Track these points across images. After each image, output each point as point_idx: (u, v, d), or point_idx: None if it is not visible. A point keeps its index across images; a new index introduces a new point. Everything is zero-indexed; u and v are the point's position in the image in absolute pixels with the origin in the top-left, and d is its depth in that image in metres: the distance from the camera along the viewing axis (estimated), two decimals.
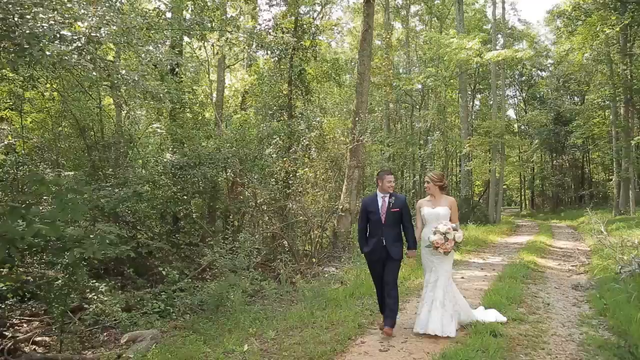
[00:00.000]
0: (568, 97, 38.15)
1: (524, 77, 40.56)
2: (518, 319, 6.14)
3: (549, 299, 7.50)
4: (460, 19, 26.66)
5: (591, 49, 24.06)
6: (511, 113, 44.24)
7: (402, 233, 5.82)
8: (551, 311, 6.76)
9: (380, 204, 5.71)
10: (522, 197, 49.43)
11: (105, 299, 7.07)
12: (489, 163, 26.18)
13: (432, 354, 4.91)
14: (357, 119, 12.37)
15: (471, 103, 35.06)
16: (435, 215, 5.60)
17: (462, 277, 9.46)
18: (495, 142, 24.53)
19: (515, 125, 42.06)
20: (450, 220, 5.61)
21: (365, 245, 5.83)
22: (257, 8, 16.20)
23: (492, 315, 6.01)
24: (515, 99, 44.14)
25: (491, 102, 32.01)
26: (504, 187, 36.23)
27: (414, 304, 7.00)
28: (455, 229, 5.39)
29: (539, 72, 39.84)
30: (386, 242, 5.62)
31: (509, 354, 4.93)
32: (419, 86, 27.83)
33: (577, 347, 5.18)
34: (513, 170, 40.83)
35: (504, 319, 5.99)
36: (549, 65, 38.20)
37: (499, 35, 29.80)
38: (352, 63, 26.25)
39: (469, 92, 32.85)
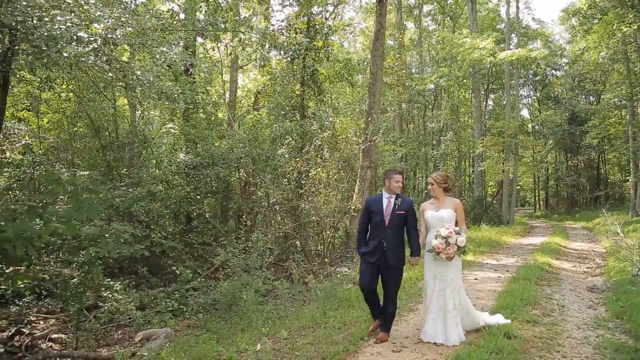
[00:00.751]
0: (583, 96, 37.68)
1: (538, 77, 40.12)
2: (532, 321, 6.08)
3: (564, 301, 7.42)
4: (473, 18, 26.45)
5: (607, 48, 23.74)
6: (525, 113, 43.85)
7: (406, 238, 5.51)
8: (566, 313, 6.69)
9: (385, 204, 5.42)
10: (536, 198, 48.88)
11: (120, 297, 7.15)
12: (503, 163, 25.95)
13: (446, 355, 4.90)
14: (369, 119, 12.34)
15: (484, 103, 34.76)
16: (438, 218, 5.33)
17: (476, 279, 9.40)
18: (509, 143, 24.31)
19: (529, 126, 41.68)
20: (456, 223, 5.35)
21: (364, 245, 5.51)
22: (270, 8, 16.24)
23: (495, 319, 5.81)
24: (529, 98, 43.71)
25: (505, 102, 31.72)
26: (518, 187, 35.84)
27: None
28: (457, 233, 5.11)
29: (553, 71, 39.38)
30: (387, 247, 5.31)
31: (523, 356, 4.89)
32: (432, 86, 27.69)
33: (593, 350, 5.12)
34: (527, 170, 40.41)
35: (508, 321, 5.82)
36: (563, 64, 37.78)
37: (513, 35, 29.50)
38: (365, 63, 26.19)
39: (482, 92, 32.55)
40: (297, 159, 12.11)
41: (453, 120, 26.43)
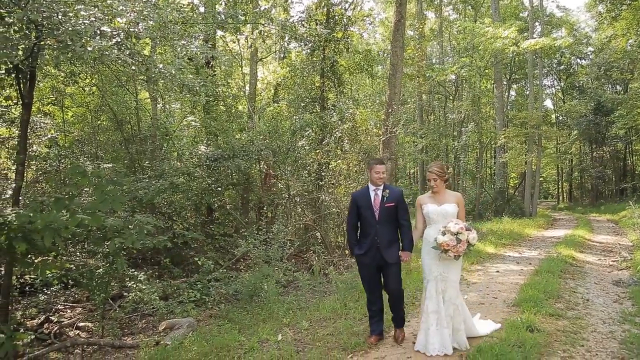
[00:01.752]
0: (609, 86, 36.71)
1: (562, 66, 39.28)
2: (556, 315, 6.00)
3: (589, 295, 7.30)
4: (495, 7, 25.97)
5: (636, 35, 23.06)
6: (548, 103, 43.07)
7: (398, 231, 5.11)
8: (591, 307, 6.58)
9: (372, 198, 5.01)
10: (560, 190, 48.00)
11: (144, 287, 7.29)
12: (525, 155, 25.53)
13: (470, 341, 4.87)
14: (389, 110, 12.26)
15: (507, 93, 34.21)
16: (442, 213, 4.86)
17: (497, 271, 9.32)
18: (532, 134, 23.90)
19: (553, 116, 40.90)
20: (457, 218, 4.90)
21: (357, 246, 5.09)
22: (290, 0, 16.19)
23: (488, 327, 5.39)
24: (553, 88, 42.86)
25: (527, 92, 31.16)
26: (541, 179, 35.24)
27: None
28: (468, 229, 4.66)
29: (578, 60, 38.50)
30: (381, 243, 4.92)
31: (546, 349, 4.83)
32: (453, 77, 27.33)
33: (619, 345, 5.02)
34: (550, 162, 39.71)
35: (498, 326, 5.47)
36: (589, 53, 36.87)
37: (537, 23, 28.88)
38: (385, 54, 26.03)
39: (505, 82, 32.03)
40: (317, 151, 12.12)
41: (474, 111, 26.05)
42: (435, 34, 31.86)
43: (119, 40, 5.75)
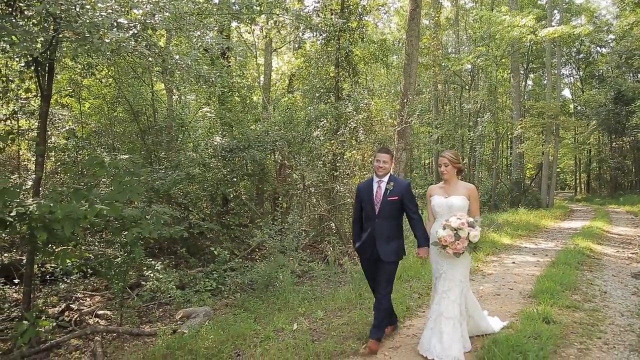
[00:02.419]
0: (631, 74, 35.87)
1: (581, 55, 38.49)
2: (572, 307, 5.95)
3: (606, 287, 7.21)
4: None
5: None
6: (567, 93, 42.30)
7: (404, 227, 4.78)
8: (608, 300, 6.50)
9: (375, 190, 4.69)
10: (577, 181, 47.32)
11: (161, 276, 7.41)
12: (542, 145, 25.18)
13: (482, 339, 4.85)
14: (405, 100, 12.18)
15: (524, 83, 33.69)
16: (447, 206, 4.47)
17: (513, 262, 9.25)
18: (549, 124, 23.54)
19: (571, 106, 40.20)
20: (469, 212, 4.48)
21: (358, 239, 4.86)
22: None
23: (496, 324, 5.12)
24: (572, 77, 42.10)
25: (545, 82, 30.66)
26: (558, 170, 34.76)
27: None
28: (471, 225, 4.23)
29: (598, 48, 37.68)
30: (377, 239, 4.62)
31: (562, 341, 4.79)
32: (469, 66, 27.02)
33: (637, 338, 4.96)
34: (568, 152, 39.12)
35: (505, 323, 5.25)
36: (610, 41, 36.02)
37: (555, 11, 28.33)
38: (400, 44, 25.82)
39: (522, 72, 31.52)
40: (332, 141, 12.11)
41: (491, 101, 25.73)
42: (451, 23, 31.45)
43: (136, 32, 5.79)
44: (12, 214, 3.78)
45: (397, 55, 25.50)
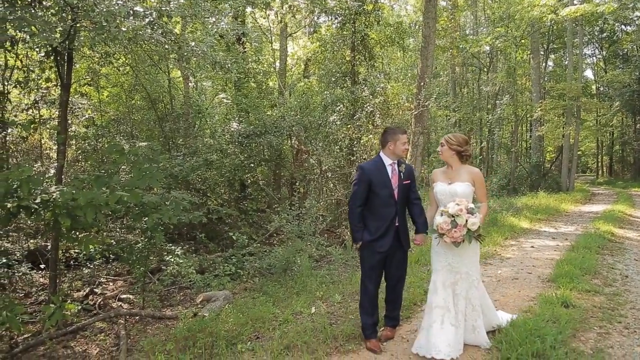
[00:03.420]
0: None
1: (605, 34, 37.40)
2: (592, 291, 5.91)
3: (628, 271, 7.13)
4: None
5: None
6: (589, 73, 41.28)
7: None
8: (630, 284, 6.42)
9: (390, 173, 4.30)
10: (599, 164, 46.39)
11: (181, 261, 7.54)
12: (563, 128, 24.72)
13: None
14: (422, 83, 12.06)
15: (544, 64, 32.91)
16: (449, 194, 4.16)
17: (532, 246, 9.19)
18: (570, 106, 23.06)
19: (593, 87, 39.25)
20: (474, 199, 4.21)
21: (367, 231, 4.32)
22: None
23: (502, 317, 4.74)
24: (594, 57, 40.96)
25: (566, 63, 29.94)
26: (579, 153, 34.14)
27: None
28: (470, 212, 3.92)
29: (622, 26, 36.53)
30: (400, 228, 4.33)
31: (582, 325, 4.77)
32: (487, 48, 26.50)
33: None
34: (589, 135, 38.29)
35: (514, 316, 4.85)
36: (635, 18, 34.86)
37: None
38: (416, 26, 25.40)
39: (542, 53, 30.80)
40: (349, 126, 12.07)
41: (510, 83, 25.28)
42: (468, 4, 30.79)
43: (152, 19, 5.82)
44: (36, 201, 3.88)
45: (414, 38, 25.10)
